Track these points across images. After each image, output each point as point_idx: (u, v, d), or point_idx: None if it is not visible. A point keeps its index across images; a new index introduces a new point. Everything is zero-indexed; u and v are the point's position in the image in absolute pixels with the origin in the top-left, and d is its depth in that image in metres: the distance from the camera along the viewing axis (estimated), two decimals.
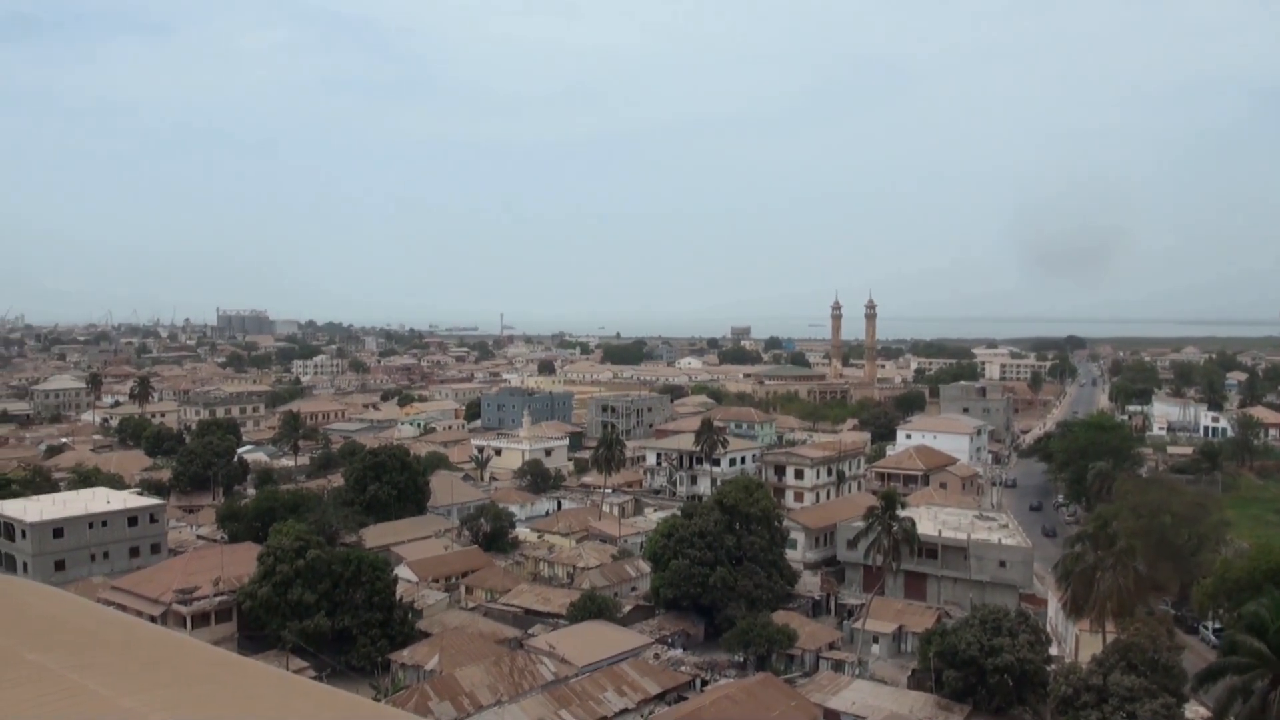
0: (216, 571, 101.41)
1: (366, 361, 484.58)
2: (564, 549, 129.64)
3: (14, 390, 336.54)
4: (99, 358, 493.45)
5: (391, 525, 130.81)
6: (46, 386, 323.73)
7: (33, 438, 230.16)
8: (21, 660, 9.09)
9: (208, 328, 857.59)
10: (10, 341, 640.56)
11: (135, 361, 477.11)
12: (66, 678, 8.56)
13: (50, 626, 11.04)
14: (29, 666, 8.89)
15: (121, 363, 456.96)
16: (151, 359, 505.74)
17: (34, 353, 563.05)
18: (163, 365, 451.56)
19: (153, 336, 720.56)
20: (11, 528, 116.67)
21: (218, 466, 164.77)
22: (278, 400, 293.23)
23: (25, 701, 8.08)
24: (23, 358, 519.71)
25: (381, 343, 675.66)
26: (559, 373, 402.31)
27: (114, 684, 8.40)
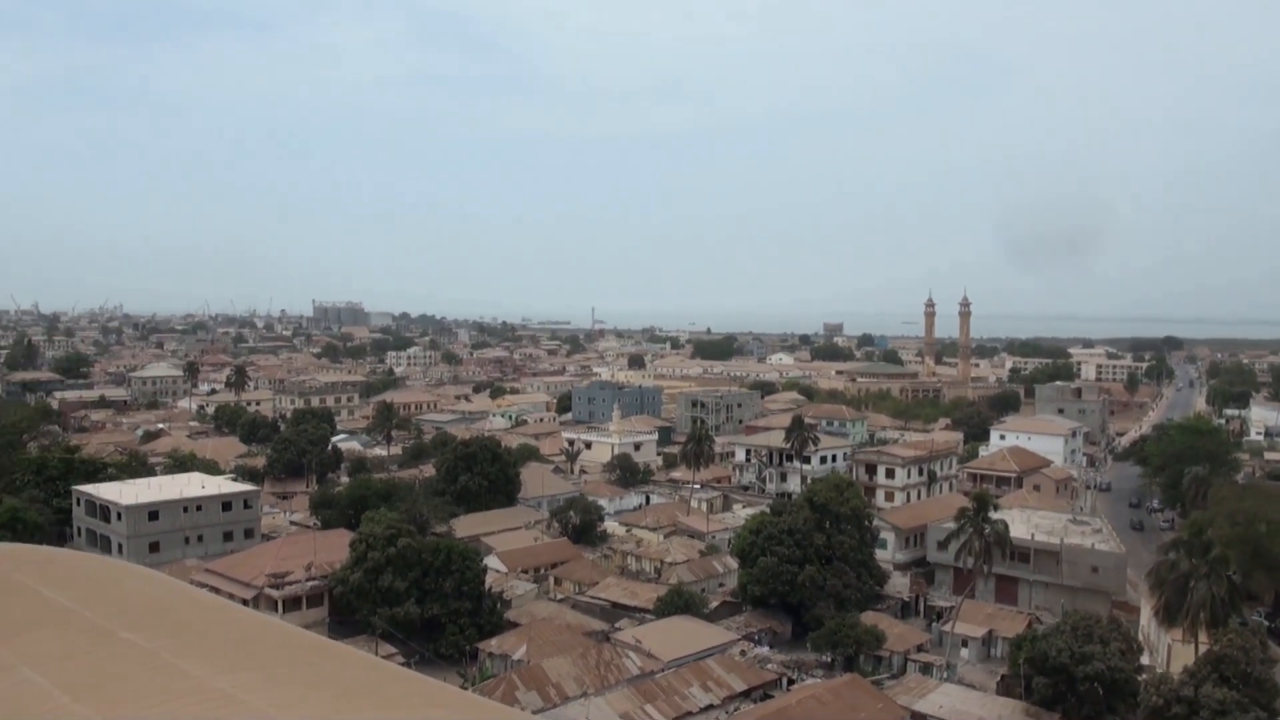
0: (309, 557, 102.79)
1: (459, 354, 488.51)
2: (652, 543, 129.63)
3: (112, 377, 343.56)
4: (196, 347, 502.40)
5: (482, 516, 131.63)
6: (144, 374, 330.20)
7: (130, 423, 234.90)
8: (115, 638, 9.15)
9: (303, 319, 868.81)
10: (109, 330, 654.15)
11: (232, 351, 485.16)
12: (159, 657, 8.59)
13: (144, 607, 11.13)
14: (122, 644, 8.95)
15: (218, 352, 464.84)
16: (248, 349, 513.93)
17: (132, 341, 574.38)
18: (259, 355, 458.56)
19: (249, 327, 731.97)
20: (107, 510, 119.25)
21: (312, 454, 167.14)
22: (371, 391, 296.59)
23: (118, 679, 8.13)
24: (121, 345, 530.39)
25: (474, 335, 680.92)
26: (649, 367, 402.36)
27: (206, 664, 8.43)
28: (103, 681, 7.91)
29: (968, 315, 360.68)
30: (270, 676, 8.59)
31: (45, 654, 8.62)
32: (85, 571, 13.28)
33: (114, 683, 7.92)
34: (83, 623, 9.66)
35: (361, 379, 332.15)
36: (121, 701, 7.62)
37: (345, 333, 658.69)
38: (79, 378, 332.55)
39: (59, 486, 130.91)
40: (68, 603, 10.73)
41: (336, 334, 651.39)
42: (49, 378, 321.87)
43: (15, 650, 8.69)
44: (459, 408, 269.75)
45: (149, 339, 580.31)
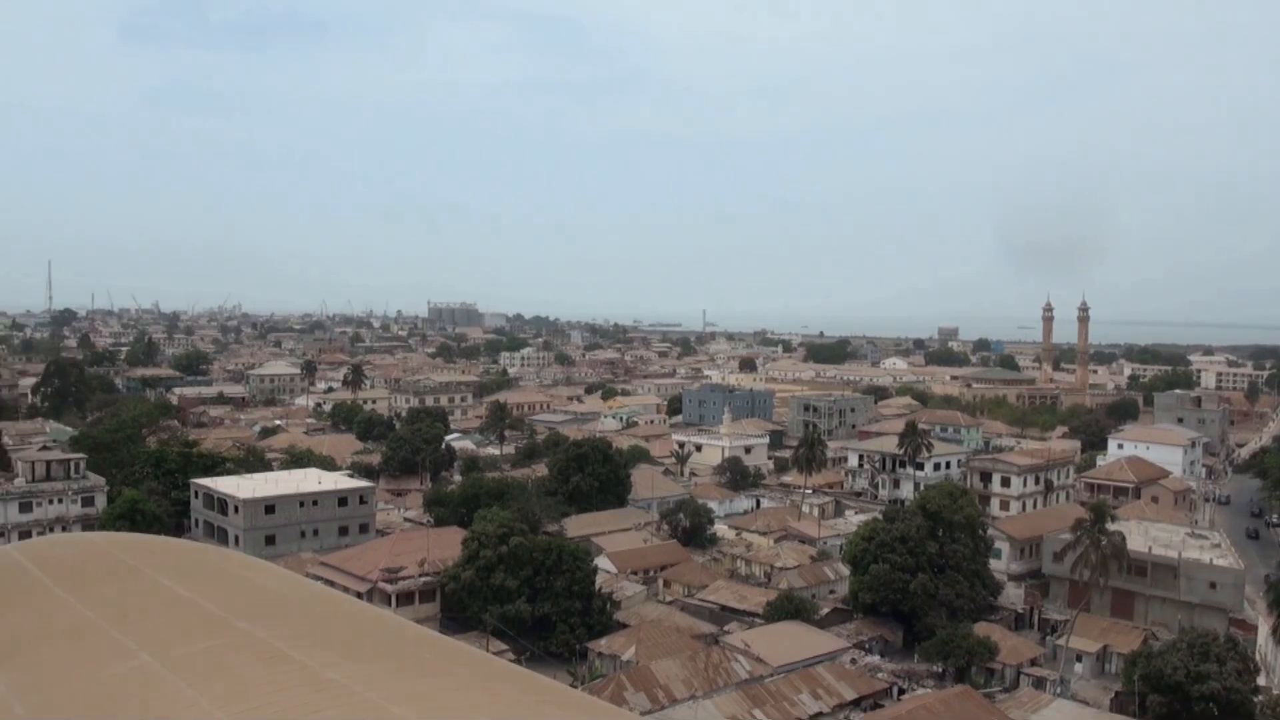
0: (422, 553, 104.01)
1: (571, 355, 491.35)
2: (762, 548, 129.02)
3: (231, 374, 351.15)
4: (313, 345, 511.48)
5: (592, 516, 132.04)
6: (262, 371, 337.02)
7: (248, 419, 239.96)
8: (231, 627, 9.23)
9: (419, 319, 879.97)
10: (228, 329, 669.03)
11: (348, 350, 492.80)
12: (273, 646, 8.64)
13: (259, 597, 11.24)
14: (237, 633, 9.02)
15: (335, 351, 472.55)
16: (364, 348, 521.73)
17: (250, 340, 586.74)
18: (375, 354, 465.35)
19: (365, 327, 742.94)
20: (225, 503, 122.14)
21: (426, 452, 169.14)
22: (485, 390, 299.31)
23: (232, 667, 8.19)
24: (239, 344, 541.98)
25: (586, 337, 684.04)
26: (760, 370, 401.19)
27: (319, 656, 8.45)
28: (217, 669, 7.98)
29: (1086, 320, 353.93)
30: (383, 669, 8.60)
31: (162, 640, 8.72)
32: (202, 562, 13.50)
33: (228, 671, 7.99)
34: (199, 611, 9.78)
35: (475, 379, 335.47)
36: (235, 690, 7.67)
37: (460, 333, 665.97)
38: (198, 375, 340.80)
39: (177, 479, 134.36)
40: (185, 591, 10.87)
41: (451, 334, 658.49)
42: (169, 374, 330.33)
43: (134, 636, 8.81)
44: (571, 408, 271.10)
45: (267, 338, 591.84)
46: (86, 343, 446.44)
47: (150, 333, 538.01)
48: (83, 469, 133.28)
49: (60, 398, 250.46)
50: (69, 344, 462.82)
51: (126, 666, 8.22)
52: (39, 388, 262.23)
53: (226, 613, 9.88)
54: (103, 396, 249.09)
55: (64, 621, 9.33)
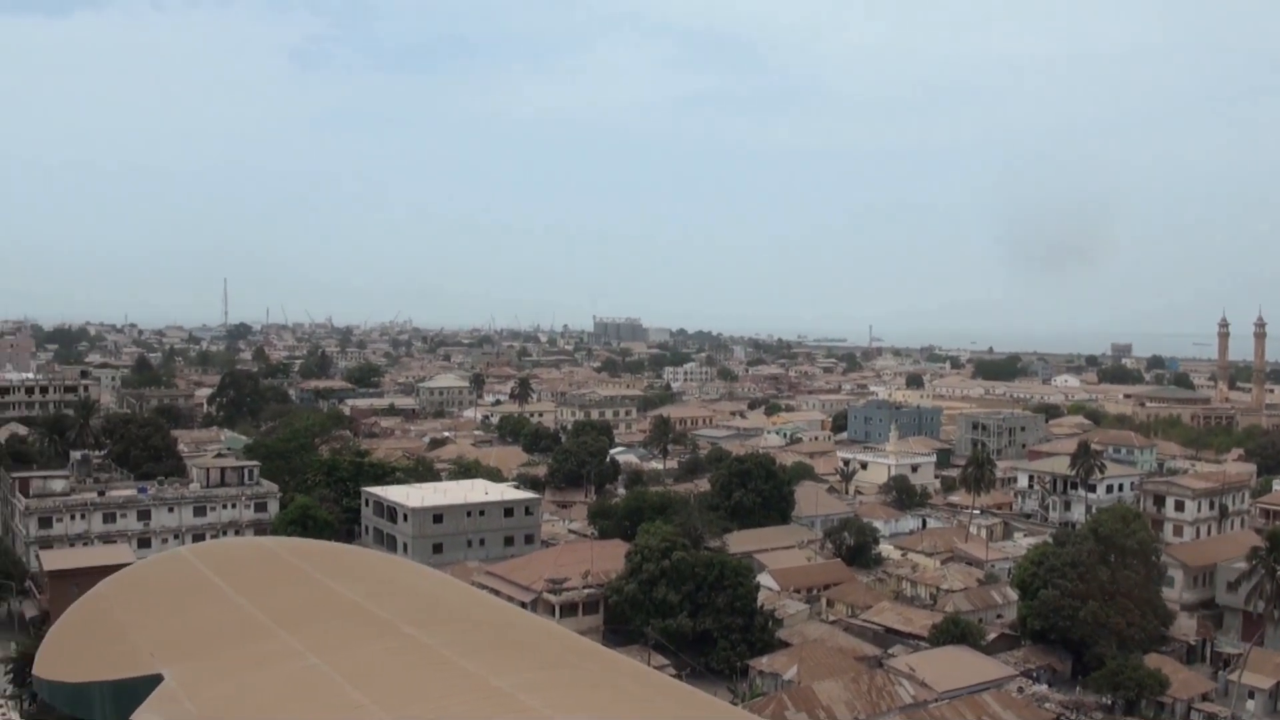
0: (585, 565, 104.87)
1: (735, 370, 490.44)
2: (928, 569, 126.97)
3: (401, 387, 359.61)
4: (481, 359, 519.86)
5: (755, 533, 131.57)
6: (432, 384, 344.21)
7: (417, 430, 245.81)
8: (398, 632, 9.25)
9: (584, 334, 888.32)
10: (399, 342, 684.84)
11: (516, 364, 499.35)
12: (439, 653, 8.63)
13: (426, 604, 11.29)
14: (404, 639, 9.03)
15: (503, 364, 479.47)
16: (531, 362, 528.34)
17: (420, 353, 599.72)
18: (541, 368, 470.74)
19: (532, 341, 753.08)
20: (394, 511, 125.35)
21: (591, 465, 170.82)
22: (649, 405, 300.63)
23: (398, 672, 8.19)
24: (410, 357, 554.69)
25: (750, 352, 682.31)
26: (927, 387, 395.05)
27: (484, 663, 8.41)
28: (384, 673, 8.01)
29: (1263, 336, 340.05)
30: (547, 679, 8.52)
31: (331, 644, 8.79)
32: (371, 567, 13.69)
33: (394, 675, 8.00)
34: (367, 616, 9.85)
35: (639, 393, 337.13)
36: (400, 694, 7.67)
37: (624, 348, 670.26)
38: (370, 387, 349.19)
39: (348, 487, 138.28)
40: (354, 596, 10.99)
41: (616, 349, 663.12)
42: (341, 386, 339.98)
43: (302, 638, 8.90)
44: (734, 423, 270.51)
45: (437, 351, 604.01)
46: (261, 355, 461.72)
47: (323, 346, 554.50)
48: (256, 476, 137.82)
49: (235, 408, 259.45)
50: (244, 357, 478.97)
51: (295, 667, 8.29)
52: (215, 398, 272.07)
53: (395, 618, 9.92)
54: (276, 407, 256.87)
55: (234, 621, 9.46)
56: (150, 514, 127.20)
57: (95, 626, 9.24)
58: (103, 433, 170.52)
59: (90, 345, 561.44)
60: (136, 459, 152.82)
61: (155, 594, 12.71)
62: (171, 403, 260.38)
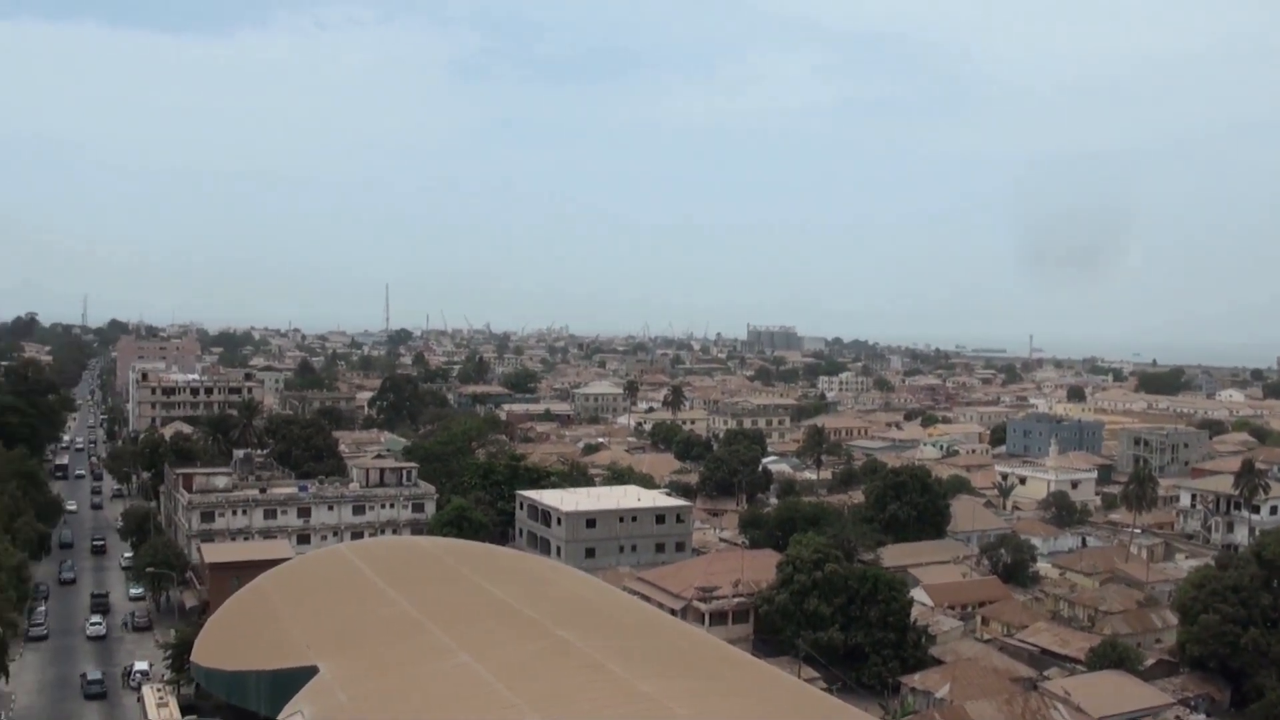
0: (736, 574, 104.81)
1: (890, 380, 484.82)
2: (1086, 589, 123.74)
3: (558, 393, 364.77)
4: (636, 367, 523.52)
5: (909, 546, 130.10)
6: (587, 390, 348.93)
7: (572, 436, 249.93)
8: (550, 634, 9.28)
9: (738, 342, 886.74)
10: (555, 349, 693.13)
11: (669, 371, 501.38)
12: (589, 655, 8.63)
13: (578, 607, 11.33)
14: (556, 640, 9.06)
15: (656, 372, 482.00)
16: (684, 370, 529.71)
17: (576, 360, 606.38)
18: (694, 376, 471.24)
19: (686, 349, 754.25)
20: (548, 515, 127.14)
21: (743, 474, 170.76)
22: (802, 414, 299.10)
23: (549, 673, 8.20)
24: (566, 364, 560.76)
25: (906, 362, 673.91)
26: (1089, 400, 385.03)
27: (633, 668, 8.40)
28: (534, 674, 8.03)
29: None
30: (696, 687, 8.48)
31: (483, 643, 8.86)
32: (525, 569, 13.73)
33: (544, 676, 8.03)
34: (520, 616, 9.92)
35: (793, 402, 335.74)
36: (550, 694, 7.69)
37: (778, 356, 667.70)
38: (526, 392, 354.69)
39: (504, 490, 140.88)
40: (506, 596, 11.07)
41: (769, 358, 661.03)
42: (498, 391, 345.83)
43: (455, 636, 8.97)
44: (889, 435, 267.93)
45: (592, 358, 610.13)
46: (421, 360, 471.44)
47: (481, 352, 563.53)
48: (414, 477, 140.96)
49: (395, 411, 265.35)
50: (404, 361, 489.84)
51: (447, 665, 8.36)
52: (375, 401, 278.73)
53: (546, 620, 9.97)
54: (435, 410, 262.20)
55: (389, 617, 9.58)
56: (310, 511, 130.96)
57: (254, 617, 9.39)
58: (265, 432, 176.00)
59: (255, 349, 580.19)
60: (298, 458, 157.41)
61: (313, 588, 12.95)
62: (333, 405, 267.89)
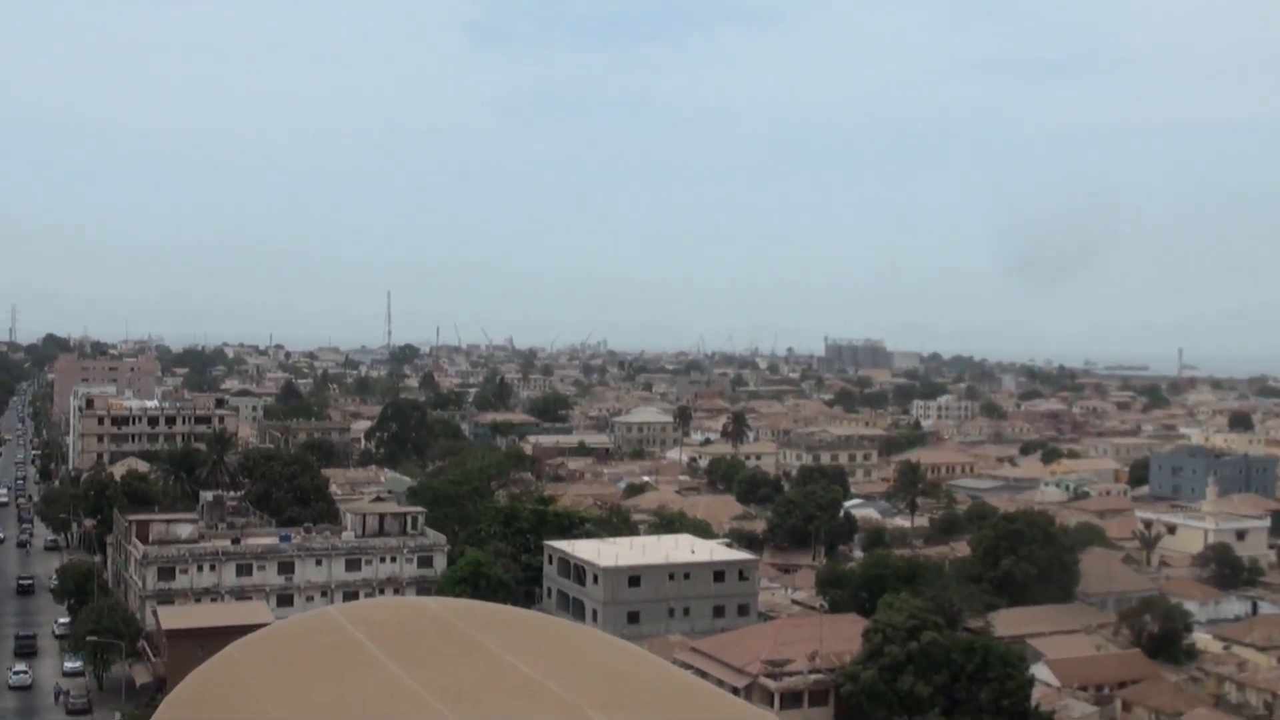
0: (813, 644, 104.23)
1: (1003, 405, 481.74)
2: (1260, 668, 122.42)
3: (593, 421, 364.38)
4: (689, 389, 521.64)
5: (1028, 611, 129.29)
6: (629, 419, 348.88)
7: (611, 474, 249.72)
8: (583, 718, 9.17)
9: (813, 358, 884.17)
10: (590, 368, 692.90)
11: (729, 394, 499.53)
12: None
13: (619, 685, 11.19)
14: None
15: (714, 395, 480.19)
16: (748, 392, 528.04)
17: (617, 381, 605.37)
18: (760, 400, 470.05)
19: (750, 367, 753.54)
20: (582, 570, 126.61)
21: (820, 521, 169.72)
22: (893, 447, 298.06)
23: None
24: (604, 386, 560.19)
25: (1022, 382, 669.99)
26: (1258, 429, 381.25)
27: None
28: None
29: None
30: None
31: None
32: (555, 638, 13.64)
33: None
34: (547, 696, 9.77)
35: (881, 432, 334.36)
36: None
37: (863, 376, 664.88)
38: (556, 420, 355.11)
39: (529, 540, 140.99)
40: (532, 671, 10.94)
41: (852, 377, 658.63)
42: (522, 420, 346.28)
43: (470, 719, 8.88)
44: (1001, 472, 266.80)
45: (635, 379, 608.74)
46: (429, 382, 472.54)
47: (502, 372, 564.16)
48: (421, 524, 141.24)
49: (398, 443, 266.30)
50: (409, 383, 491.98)
51: None
52: (374, 432, 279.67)
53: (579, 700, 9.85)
54: (446, 443, 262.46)
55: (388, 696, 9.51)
56: (294, 567, 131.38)
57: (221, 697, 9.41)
58: (240, 470, 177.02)
59: (228, 369, 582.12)
60: (279, 502, 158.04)
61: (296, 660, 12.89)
62: (323, 436, 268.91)
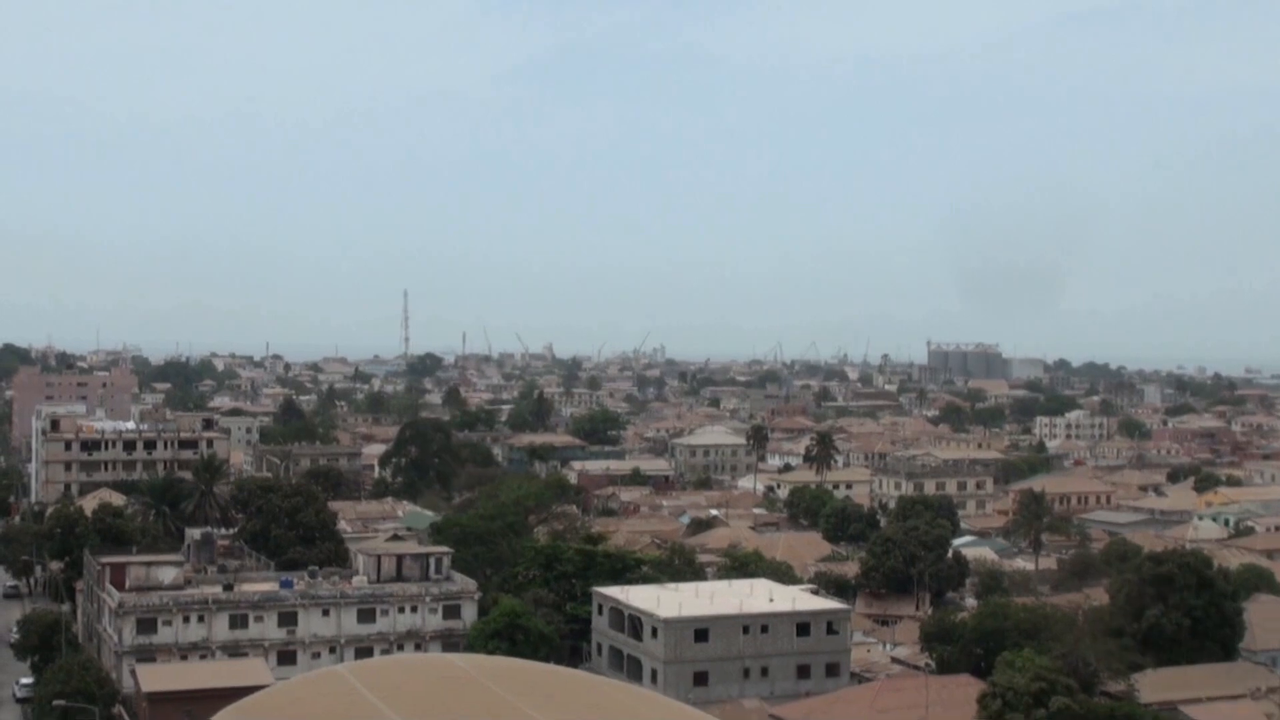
0: (919, 711, 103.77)
1: (1146, 421, 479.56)
2: None
3: (650, 444, 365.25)
4: (763, 404, 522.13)
5: (1180, 672, 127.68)
6: (692, 440, 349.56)
7: (672, 507, 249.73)
8: None
9: (914, 367, 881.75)
10: (647, 381, 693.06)
11: (813, 411, 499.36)
12: None
13: None
14: None
15: (794, 412, 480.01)
16: (835, 408, 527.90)
17: (678, 395, 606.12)
18: (850, 418, 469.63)
19: (837, 378, 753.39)
20: (638, 622, 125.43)
21: (924, 562, 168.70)
22: (1012, 473, 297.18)
23: None
24: (663, 401, 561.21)
25: (1169, 395, 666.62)
26: None
27: None
28: None
29: None
30: None
31: None
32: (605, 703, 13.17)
33: None
34: None
35: (997, 455, 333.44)
36: None
37: (974, 388, 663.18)
38: (605, 443, 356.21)
39: (574, 586, 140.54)
40: None
41: (962, 389, 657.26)
42: (565, 442, 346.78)
43: None
44: (1146, 503, 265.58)
45: (699, 393, 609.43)
46: (455, 398, 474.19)
47: (541, 386, 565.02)
48: (446, 567, 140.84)
49: (418, 471, 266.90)
50: (431, 400, 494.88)
51: None
52: (390, 457, 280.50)
53: None
54: (475, 471, 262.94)
55: None
56: (296, 618, 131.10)
57: None
58: (232, 504, 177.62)
59: (217, 384, 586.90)
60: (279, 540, 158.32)
61: None
62: (329, 463, 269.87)
